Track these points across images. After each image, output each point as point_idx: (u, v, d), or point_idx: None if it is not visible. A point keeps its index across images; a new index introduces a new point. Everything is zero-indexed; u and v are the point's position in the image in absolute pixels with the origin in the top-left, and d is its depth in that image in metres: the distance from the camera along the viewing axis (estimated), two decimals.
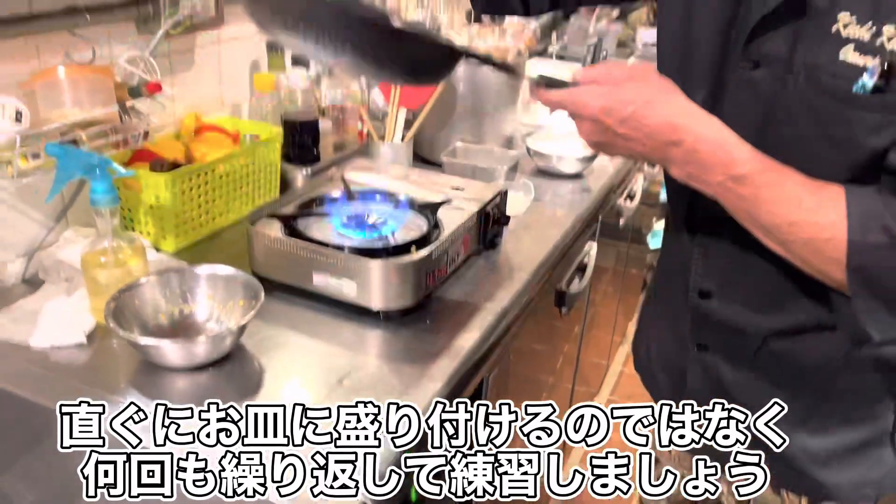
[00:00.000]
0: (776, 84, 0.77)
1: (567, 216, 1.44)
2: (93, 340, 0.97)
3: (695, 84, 0.83)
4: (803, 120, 0.74)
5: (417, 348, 0.99)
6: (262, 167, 1.33)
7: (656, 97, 0.72)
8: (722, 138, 0.72)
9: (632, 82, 0.73)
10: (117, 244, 0.98)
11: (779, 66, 0.77)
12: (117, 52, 1.17)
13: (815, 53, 0.73)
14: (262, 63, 1.54)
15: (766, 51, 0.78)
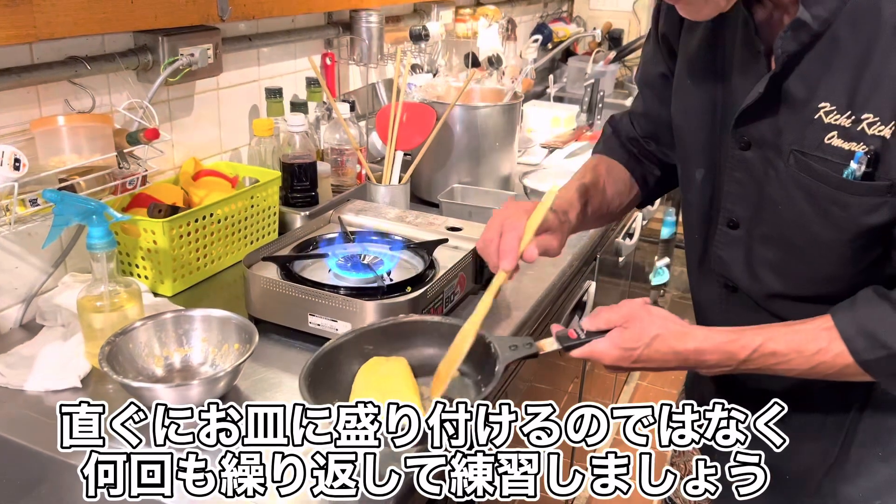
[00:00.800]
0: (768, 165, 0.81)
1: (564, 254, 1.43)
2: (87, 384, 0.97)
3: (693, 163, 0.92)
4: (799, 200, 0.79)
5: None
6: (260, 210, 1.34)
7: (657, 333, 0.80)
8: (717, 343, 0.80)
9: (634, 323, 0.81)
10: (113, 288, 0.99)
11: (769, 149, 0.81)
12: (116, 100, 1.19)
13: (801, 139, 0.78)
14: (260, 108, 1.57)
15: (754, 134, 0.82)
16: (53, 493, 0.87)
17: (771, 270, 0.85)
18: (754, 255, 0.86)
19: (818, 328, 0.77)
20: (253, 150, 1.49)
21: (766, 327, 0.79)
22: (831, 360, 0.77)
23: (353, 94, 1.81)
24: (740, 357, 0.79)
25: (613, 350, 0.82)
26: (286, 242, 1.21)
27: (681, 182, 0.98)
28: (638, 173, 1.08)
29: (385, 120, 1.50)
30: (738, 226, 0.87)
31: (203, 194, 1.28)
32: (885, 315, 0.75)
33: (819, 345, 0.77)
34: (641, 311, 0.82)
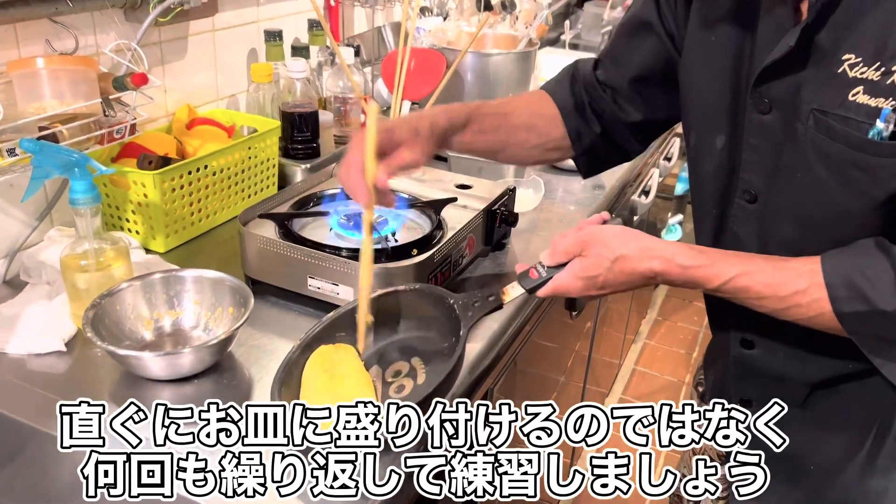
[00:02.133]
0: (787, 129, 0.74)
1: (579, 214, 1.37)
2: (73, 348, 0.91)
3: (711, 129, 0.83)
4: (817, 167, 0.72)
5: None
6: (258, 162, 1.27)
7: (618, 255, 0.76)
8: (685, 267, 0.74)
9: (592, 248, 0.77)
10: (99, 246, 0.92)
11: (788, 110, 0.73)
12: (102, 41, 1.11)
13: (821, 98, 0.70)
14: (259, 52, 1.48)
15: (775, 95, 0.75)
16: (35, 463, 0.83)
17: (786, 249, 0.77)
18: (770, 232, 0.80)
19: (801, 269, 0.72)
20: (251, 96, 1.40)
21: (745, 258, 0.74)
22: (806, 305, 0.71)
23: (358, 38, 1.71)
24: (709, 286, 0.74)
25: (576, 281, 0.78)
26: (285, 198, 1.13)
27: (692, 152, 0.89)
28: (573, 123, 0.99)
29: (392, 67, 1.40)
30: (756, 199, 0.80)
31: (197, 144, 1.21)
32: (878, 268, 0.68)
33: (797, 286, 0.71)
34: (598, 234, 0.78)
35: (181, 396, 0.84)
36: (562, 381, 1.64)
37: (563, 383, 1.65)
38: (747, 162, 0.79)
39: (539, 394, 1.43)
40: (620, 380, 2.49)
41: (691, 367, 2.57)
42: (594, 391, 2.08)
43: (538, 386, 1.41)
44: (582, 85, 1.00)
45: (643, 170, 1.77)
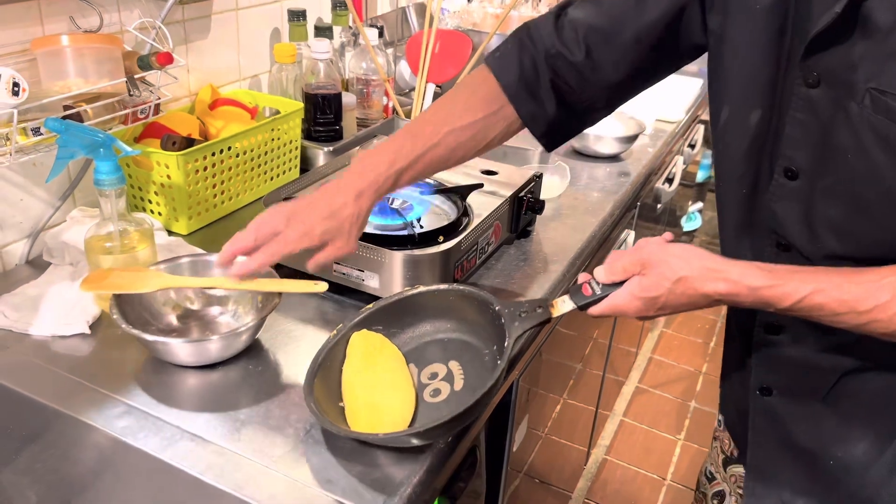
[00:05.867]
0: (837, 107, 0.69)
1: (604, 202, 1.34)
2: (97, 330, 0.90)
3: (749, 103, 0.78)
4: (873, 148, 0.67)
5: None
6: (281, 144, 1.25)
7: (681, 276, 0.72)
8: (754, 288, 0.70)
9: (653, 269, 0.73)
10: (123, 228, 0.91)
11: (840, 87, 0.68)
12: (127, 19, 1.09)
13: (880, 77, 0.65)
14: (282, 32, 1.45)
15: (824, 69, 0.69)
16: (57, 445, 0.82)
17: (833, 229, 0.73)
18: (815, 211, 0.74)
19: (880, 280, 0.67)
20: (274, 77, 1.38)
21: (817, 274, 0.69)
22: (888, 320, 0.66)
23: (382, 19, 1.69)
24: (780, 306, 0.70)
25: (634, 301, 0.74)
26: (308, 181, 1.12)
27: (722, 129, 0.83)
28: (525, 109, 0.88)
29: (416, 48, 1.38)
30: (798, 176, 0.75)
31: (220, 125, 1.19)
32: None
33: (878, 300, 0.66)
34: (659, 252, 0.73)
35: (207, 382, 0.83)
36: (579, 368, 1.63)
37: (580, 371, 1.64)
38: (790, 137, 0.74)
39: (559, 383, 1.42)
40: (637, 368, 2.48)
41: (708, 357, 2.55)
42: (611, 380, 2.07)
43: (558, 374, 1.40)
44: (540, 54, 0.87)
45: (667, 157, 1.74)
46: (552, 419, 1.45)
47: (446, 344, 0.85)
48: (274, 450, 0.74)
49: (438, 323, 0.86)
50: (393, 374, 0.79)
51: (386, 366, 0.80)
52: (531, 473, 1.38)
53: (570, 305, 0.77)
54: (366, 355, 0.80)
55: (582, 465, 2.01)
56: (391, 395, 0.78)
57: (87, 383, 0.82)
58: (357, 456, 0.74)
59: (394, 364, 0.80)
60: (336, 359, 0.81)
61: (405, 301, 0.85)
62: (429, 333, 0.86)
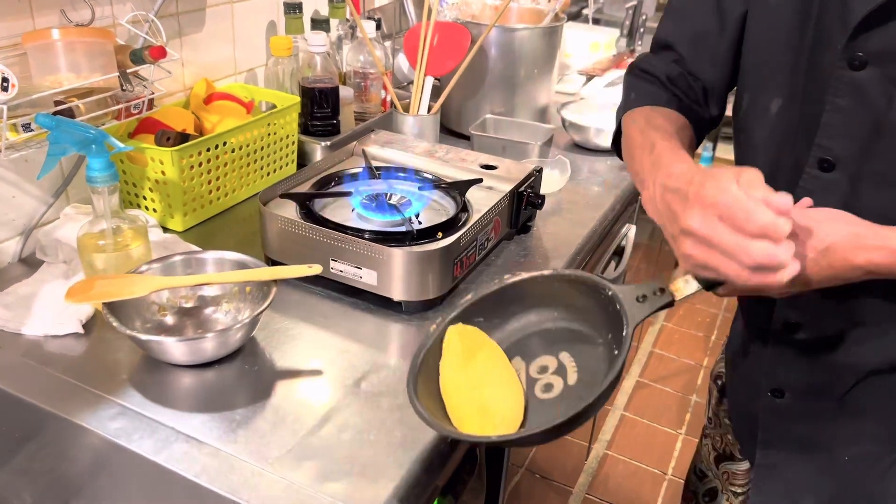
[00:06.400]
0: (891, 87, 0.65)
1: (605, 196, 1.33)
2: (90, 330, 0.89)
3: (769, 91, 0.74)
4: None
5: None
6: (278, 139, 1.23)
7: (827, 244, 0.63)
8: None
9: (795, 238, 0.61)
10: (117, 225, 0.89)
11: (893, 66, 0.65)
12: (119, 12, 1.07)
13: None
14: (278, 25, 1.43)
15: (874, 48, 0.66)
16: (53, 445, 0.81)
17: (882, 218, 0.65)
18: (859, 203, 0.69)
19: None
20: (270, 71, 1.37)
21: None
22: None
23: (380, 11, 1.67)
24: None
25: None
26: (305, 177, 1.10)
27: (743, 119, 0.80)
28: (692, 117, 0.87)
29: (414, 41, 1.36)
30: (835, 167, 0.70)
31: (216, 120, 1.17)
32: None
33: None
34: (802, 218, 0.63)
35: (203, 382, 0.82)
36: None
37: None
38: (828, 126, 0.69)
39: None
40: (637, 362, 2.47)
41: (709, 351, 2.54)
42: None
43: None
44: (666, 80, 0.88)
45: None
46: None
47: (554, 334, 0.76)
48: (270, 451, 0.73)
49: (545, 312, 0.77)
50: (497, 370, 0.72)
51: (487, 361, 0.72)
52: (532, 469, 1.37)
53: (694, 286, 0.67)
54: (465, 350, 0.73)
55: (583, 460, 2.00)
56: (499, 393, 0.71)
57: (80, 384, 0.81)
58: (354, 457, 0.73)
59: (495, 359, 0.73)
60: (435, 356, 0.73)
61: (507, 290, 0.77)
62: (534, 324, 0.77)
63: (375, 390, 0.82)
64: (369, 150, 1.21)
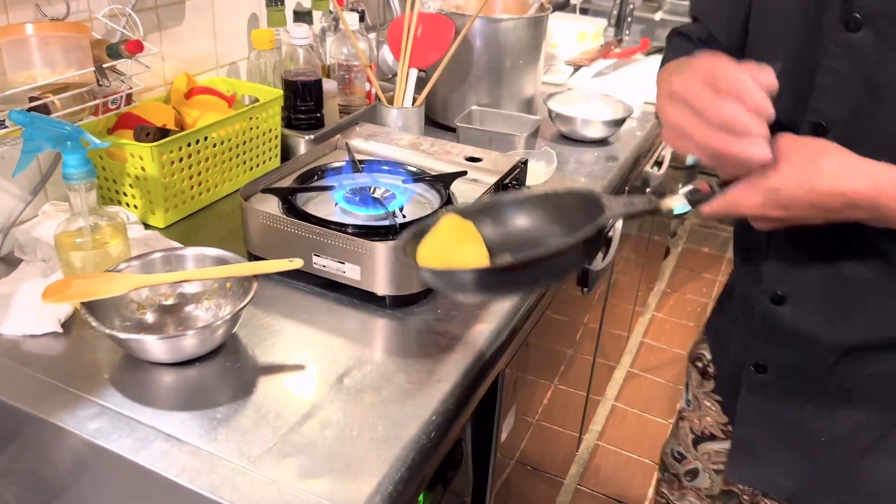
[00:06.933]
0: (886, 48, 0.65)
1: (592, 187, 1.32)
2: (70, 329, 0.88)
3: (770, 54, 0.73)
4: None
5: (427, 340, 0.89)
6: (260, 133, 1.22)
7: (812, 171, 0.63)
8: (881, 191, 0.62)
9: (785, 165, 0.63)
10: (95, 223, 0.88)
11: (889, 26, 0.65)
12: (95, 6, 1.05)
13: None
14: (260, 17, 1.42)
15: (870, 9, 0.65)
16: (33, 447, 0.80)
17: None
18: None
19: None
20: (252, 64, 1.35)
21: None
22: None
23: (363, 3, 1.65)
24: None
25: (754, 194, 0.64)
26: (288, 171, 1.09)
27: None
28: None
29: (398, 32, 1.35)
30: (828, 131, 0.70)
31: (197, 115, 1.16)
32: None
33: None
34: (791, 142, 0.64)
35: (184, 380, 0.81)
36: (570, 353, 1.62)
37: (571, 356, 1.63)
38: (823, 89, 0.69)
39: (549, 368, 1.41)
40: (628, 352, 2.47)
41: None
42: (603, 364, 2.06)
43: (548, 360, 1.39)
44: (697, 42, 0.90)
45: (656, 140, 1.71)
46: (543, 405, 1.43)
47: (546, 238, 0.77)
48: (252, 449, 0.72)
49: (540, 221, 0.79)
50: (474, 249, 0.75)
51: (468, 243, 0.75)
52: (523, 460, 1.36)
53: (681, 201, 0.69)
54: (451, 232, 0.76)
55: (574, 451, 2.01)
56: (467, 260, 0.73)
57: (59, 384, 0.80)
58: (337, 453, 0.72)
59: (477, 243, 0.76)
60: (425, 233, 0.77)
61: (508, 202, 0.80)
62: (528, 229, 0.80)
63: (358, 386, 0.81)
64: (353, 144, 1.20)
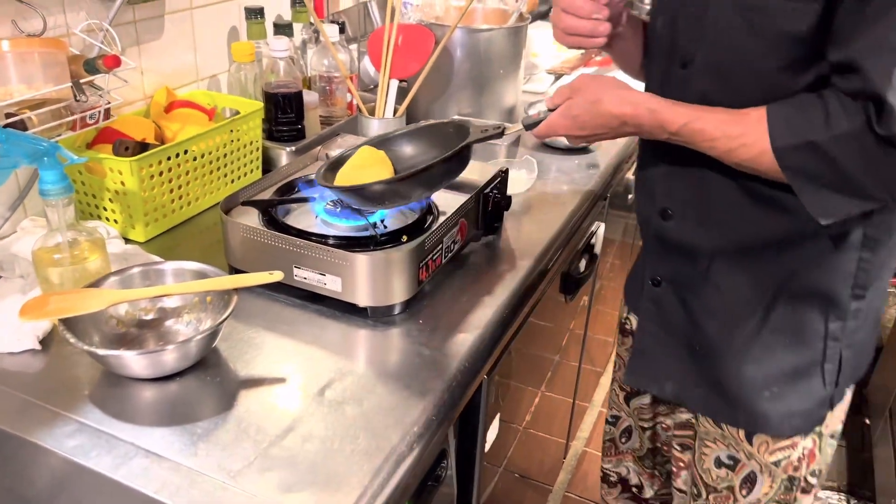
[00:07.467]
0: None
1: (574, 194, 1.33)
2: (48, 345, 0.87)
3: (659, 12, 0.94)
4: (731, 14, 0.81)
5: (409, 351, 0.89)
6: (241, 146, 1.22)
7: (596, 98, 0.87)
8: (651, 109, 0.85)
9: (578, 95, 0.89)
10: (73, 238, 0.88)
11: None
12: (73, 21, 1.05)
13: None
14: (240, 30, 1.42)
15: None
16: (10, 465, 0.79)
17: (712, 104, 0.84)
18: (706, 90, 0.86)
19: (750, 113, 0.79)
20: (233, 77, 1.35)
21: (703, 107, 0.82)
22: (751, 144, 0.79)
23: (343, 15, 1.66)
24: (671, 128, 0.84)
25: (563, 120, 0.90)
26: (269, 183, 1.09)
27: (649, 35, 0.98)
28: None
29: (378, 44, 1.35)
30: (687, 65, 0.88)
31: (177, 128, 1.16)
32: (812, 106, 0.76)
33: (745, 126, 0.79)
34: (585, 79, 0.89)
35: (164, 396, 0.81)
36: (556, 360, 1.62)
37: (557, 363, 1.63)
38: (685, 30, 0.88)
39: (535, 375, 1.41)
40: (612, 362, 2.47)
41: None
42: (589, 370, 2.06)
43: (534, 367, 1.39)
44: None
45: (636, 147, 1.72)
46: (530, 412, 1.43)
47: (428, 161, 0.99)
48: (232, 464, 0.72)
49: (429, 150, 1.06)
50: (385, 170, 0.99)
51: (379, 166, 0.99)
52: (510, 468, 1.36)
53: (519, 126, 0.97)
54: (366, 159, 1.00)
55: (561, 458, 2.01)
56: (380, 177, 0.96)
57: (37, 401, 0.79)
58: (318, 467, 0.72)
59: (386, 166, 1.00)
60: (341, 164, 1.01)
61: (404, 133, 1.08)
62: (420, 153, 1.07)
63: (340, 398, 0.81)
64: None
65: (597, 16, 0.91)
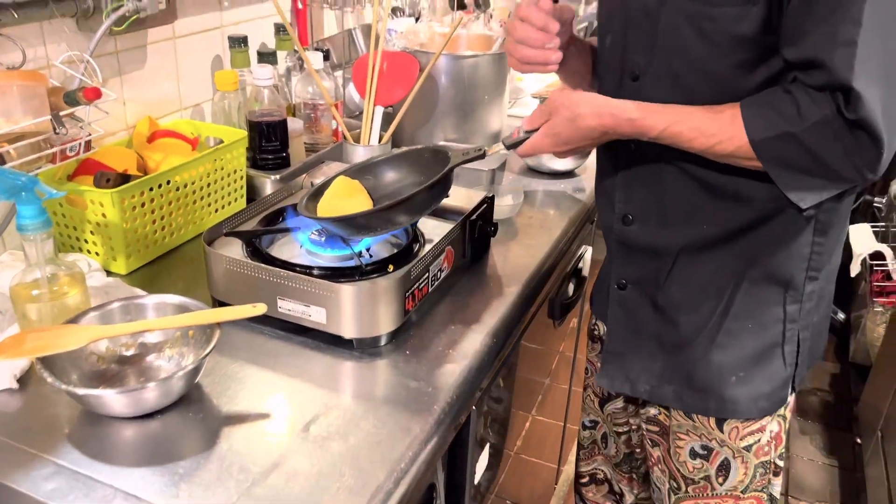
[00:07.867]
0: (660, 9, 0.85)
1: (560, 219, 1.33)
2: (26, 384, 0.85)
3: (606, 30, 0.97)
4: (682, 25, 0.84)
5: (395, 384, 0.88)
6: (225, 175, 1.21)
7: (574, 115, 0.89)
8: (630, 119, 0.86)
9: (557, 115, 0.90)
10: (52, 273, 0.86)
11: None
12: (53, 53, 1.05)
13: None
14: (224, 59, 1.42)
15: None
16: None
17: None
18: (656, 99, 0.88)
19: (724, 111, 0.82)
20: (216, 105, 1.35)
21: (678, 109, 0.85)
22: (728, 140, 0.82)
23: (328, 42, 1.66)
24: (651, 134, 0.86)
25: (545, 139, 0.92)
26: (253, 213, 1.08)
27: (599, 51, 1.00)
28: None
29: (363, 71, 1.35)
30: (639, 77, 0.91)
31: (159, 158, 1.15)
32: (783, 100, 0.79)
33: (721, 125, 0.82)
34: (561, 97, 0.90)
35: (145, 434, 0.79)
36: (547, 383, 1.61)
37: (548, 386, 1.62)
38: (631, 43, 0.91)
39: (526, 399, 1.40)
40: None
41: None
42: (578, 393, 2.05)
43: (525, 390, 1.38)
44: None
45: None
46: (521, 437, 1.42)
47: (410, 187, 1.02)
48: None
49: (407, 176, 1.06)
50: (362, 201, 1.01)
51: (356, 197, 1.01)
52: (502, 495, 1.34)
53: (501, 147, 0.97)
54: (343, 189, 1.01)
55: (553, 483, 1.98)
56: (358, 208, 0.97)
57: (13, 443, 0.77)
58: None
59: (363, 196, 1.02)
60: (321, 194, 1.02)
61: (382, 160, 1.08)
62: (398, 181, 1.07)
63: (325, 433, 0.79)
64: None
65: (549, 45, 0.94)
